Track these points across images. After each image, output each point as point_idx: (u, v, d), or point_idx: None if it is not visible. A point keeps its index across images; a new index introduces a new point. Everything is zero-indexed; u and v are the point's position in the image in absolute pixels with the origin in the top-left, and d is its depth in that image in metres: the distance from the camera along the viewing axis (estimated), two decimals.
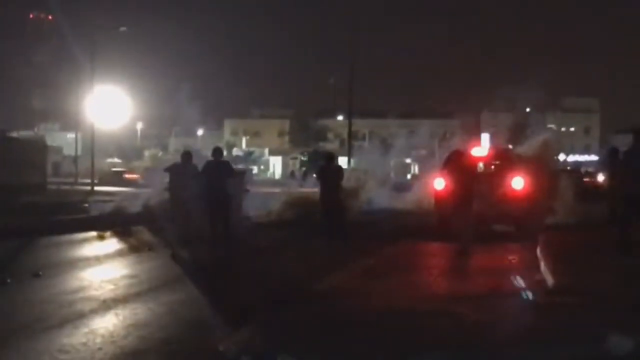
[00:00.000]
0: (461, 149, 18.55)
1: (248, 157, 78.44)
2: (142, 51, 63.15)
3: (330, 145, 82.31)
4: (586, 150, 79.77)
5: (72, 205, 25.60)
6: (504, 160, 17.55)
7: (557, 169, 25.95)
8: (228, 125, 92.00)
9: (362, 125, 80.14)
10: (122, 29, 45.07)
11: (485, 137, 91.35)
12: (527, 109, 61.77)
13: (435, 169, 17.18)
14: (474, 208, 14.81)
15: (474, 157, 16.97)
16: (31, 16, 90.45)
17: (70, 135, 70.14)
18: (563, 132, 78.19)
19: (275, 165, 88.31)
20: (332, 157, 17.20)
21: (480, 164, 17.26)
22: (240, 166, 51.50)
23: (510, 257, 13.06)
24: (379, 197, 25.40)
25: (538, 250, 12.66)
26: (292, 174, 58.09)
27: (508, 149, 18.44)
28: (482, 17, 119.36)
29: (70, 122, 69.65)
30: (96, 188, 40.95)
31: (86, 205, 25.37)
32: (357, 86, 50.96)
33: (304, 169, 56.16)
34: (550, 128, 64.78)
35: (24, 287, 9.71)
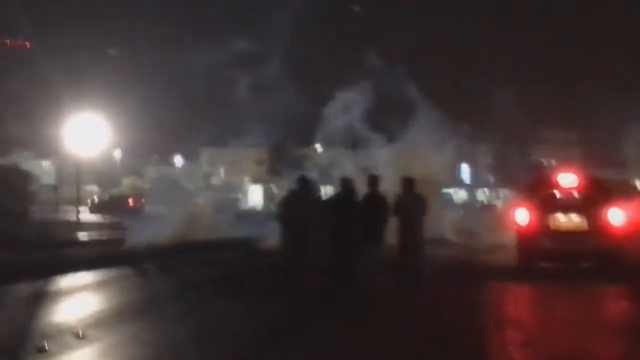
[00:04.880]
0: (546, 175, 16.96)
1: (227, 186, 76.60)
2: (127, 76, 61.23)
3: (309, 174, 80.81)
4: None
5: (66, 236, 23.52)
6: (597, 190, 15.80)
7: None
8: (205, 155, 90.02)
9: (342, 155, 78.99)
10: (110, 50, 43.05)
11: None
12: None
13: None
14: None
15: (562, 185, 15.61)
16: (8, 43, 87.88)
17: (46, 163, 67.74)
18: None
19: (255, 194, 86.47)
20: (412, 182, 14.25)
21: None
22: (220, 195, 49.70)
23: None
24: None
25: None
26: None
27: (599, 177, 16.97)
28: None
29: (46, 150, 67.14)
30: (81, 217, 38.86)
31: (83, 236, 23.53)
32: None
33: None
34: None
35: (70, 357, 7.62)
